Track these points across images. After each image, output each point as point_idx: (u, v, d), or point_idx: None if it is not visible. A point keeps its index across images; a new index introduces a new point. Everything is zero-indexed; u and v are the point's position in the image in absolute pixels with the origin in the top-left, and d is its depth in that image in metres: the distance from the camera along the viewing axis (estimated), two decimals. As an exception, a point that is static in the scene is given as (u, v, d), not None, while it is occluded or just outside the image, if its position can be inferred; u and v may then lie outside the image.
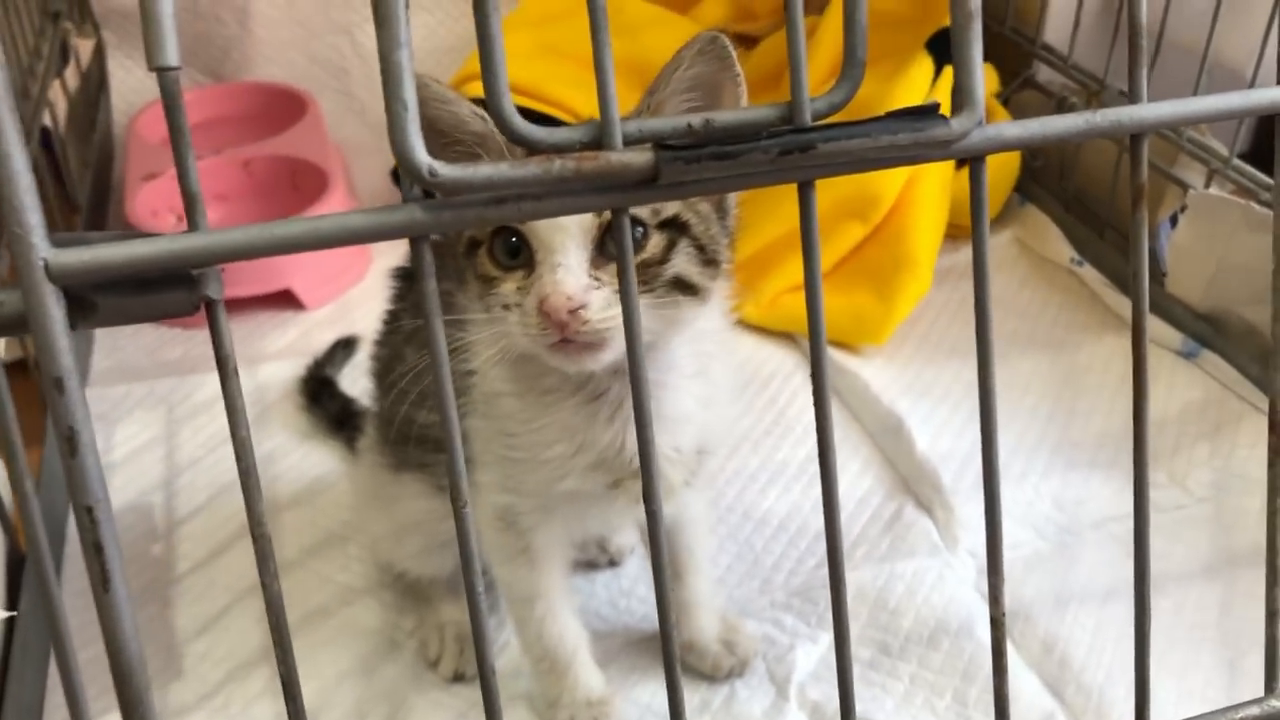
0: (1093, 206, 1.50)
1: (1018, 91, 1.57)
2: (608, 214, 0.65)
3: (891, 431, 1.22)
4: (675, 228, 0.70)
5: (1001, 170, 1.51)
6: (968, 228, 1.57)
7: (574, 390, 0.77)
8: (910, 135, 0.46)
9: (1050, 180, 1.56)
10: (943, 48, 1.35)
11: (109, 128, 1.71)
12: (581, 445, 0.79)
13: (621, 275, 0.48)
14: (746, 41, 1.67)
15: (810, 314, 0.51)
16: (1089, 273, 1.46)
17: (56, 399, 0.41)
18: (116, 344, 1.42)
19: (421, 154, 0.42)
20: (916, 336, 1.39)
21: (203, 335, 1.43)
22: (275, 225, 0.44)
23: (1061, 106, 1.51)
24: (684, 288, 0.71)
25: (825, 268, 1.39)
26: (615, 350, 0.70)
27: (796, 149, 0.45)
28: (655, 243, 0.69)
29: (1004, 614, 0.58)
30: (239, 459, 0.46)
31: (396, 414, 0.88)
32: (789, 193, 1.44)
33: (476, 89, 1.63)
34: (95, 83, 1.71)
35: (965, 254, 1.53)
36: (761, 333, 1.40)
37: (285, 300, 1.45)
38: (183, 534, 1.15)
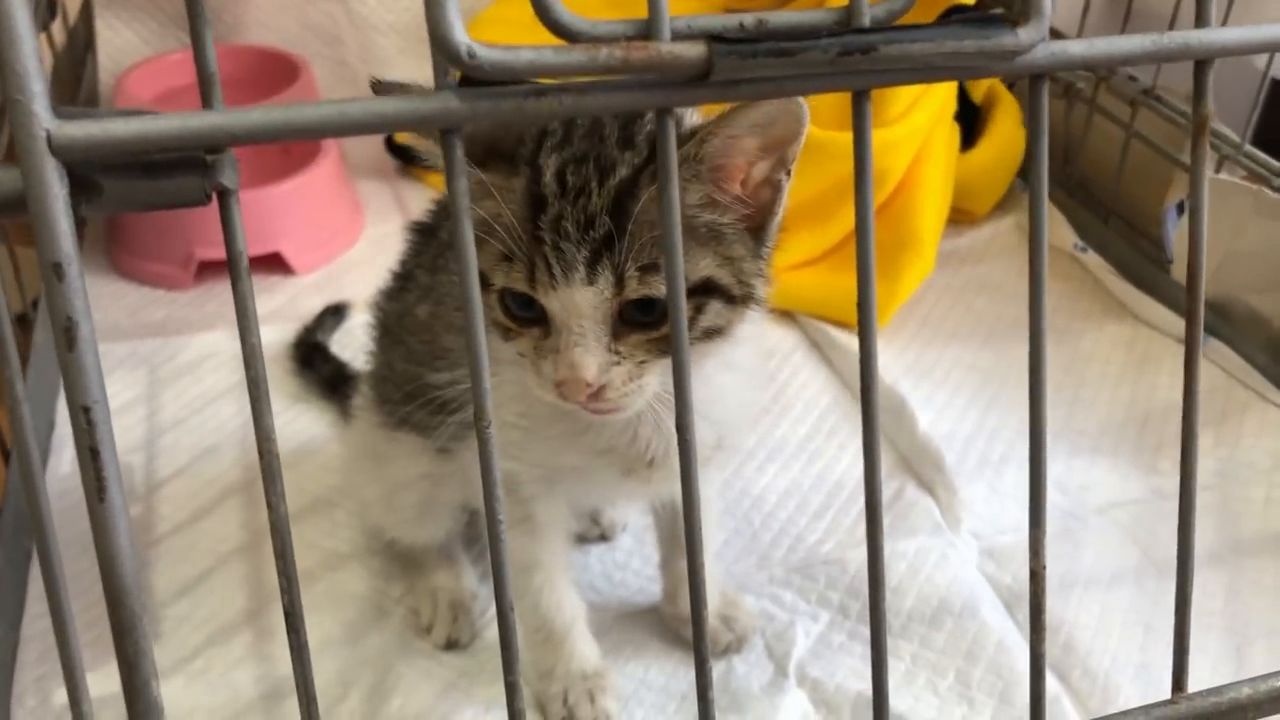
0: (1096, 193, 1.49)
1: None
2: (628, 289, 0.63)
3: (893, 412, 1.20)
4: (704, 292, 0.67)
5: (1005, 155, 1.50)
6: (970, 212, 1.56)
7: None
8: (976, 43, 0.44)
9: (1054, 166, 1.54)
10: (953, 25, 1.33)
11: (95, 86, 1.66)
12: (587, 428, 0.76)
13: (662, 190, 0.45)
14: (750, 19, 1.65)
15: (860, 247, 0.48)
16: (1092, 259, 1.44)
17: (55, 286, 0.38)
18: (98, 303, 1.38)
19: (460, 33, 0.39)
20: (918, 318, 1.37)
21: (187, 298, 1.41)
22: (299, 107, 0.41)
23: (1069, 92, 1.49)
24: (713, 334, 0.69)
25: (828, 245, 1.37)
26: (641, 405, 0.69)
27: (857, 50, 0.42)
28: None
29: (1044, 566, 0.55)
30: (248, 366, 0.42)
31: (403, 372, 0.85)
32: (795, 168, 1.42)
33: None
34: (82, 41, 1.67)
35: (968, 238, 1.51)
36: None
37: (275, 264, 1.41)
38: (163, 495, 1.11)
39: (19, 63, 0.36)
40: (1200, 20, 0.52)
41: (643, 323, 0.66)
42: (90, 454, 0.39)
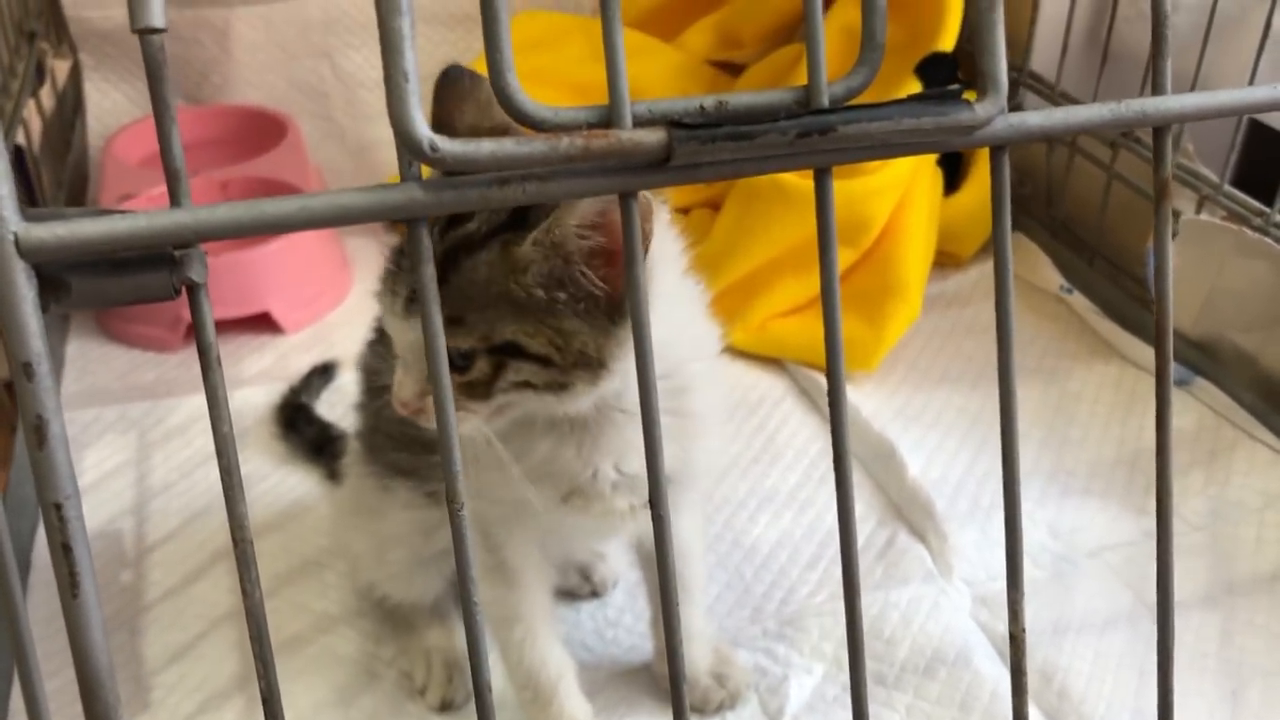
0: (1081, 234, 1.50)
1: (1005, 120, 1.57)
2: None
3: (883, 458, 1.20)
4: (508, 352, 0.68)
5: (989, 199, 1.50)
6: (956, 255, 1.57)
7: None
8: (934, 120, 0.44)
9: (1038, 208, 1.55)
10: (931, 73, 1.35)
11: (84, 149, 1.68)
12: (518, 454, 0.76)
13: (628, 269, 0.46)
14: (732, 69, 1.67)
15: (826, 312, 0.48)
16: (1078, 300, 1.44)
17: (25, 386, 0.38)
18: (87, 367, 1.38)
19: (422, 127, 0.40)
20: (906, 363, 1.37)
21: (177, 359, 1.41)
22: (264, 203, 0.41)
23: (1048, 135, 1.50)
24: (528, 386, 0.69)
25: (813, 293, 1.38)
26: (472, 431, 0.71)
27: (816, 131, 0.43)
28: (481, 367, 0.68)
29: (1024, 630, 0.55)
30: (220, 455, 0.43)
31: (391, 416, 0.85)
32: (778, 217, 1.43)
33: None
34: (71, 104, 1.69)
35: (954, 281, 1.51)
36: (749, 358, 1.38)
37: (263, 323, 1.42)
38: (153, 560, 1.11)
39: (-14, 168, 0.37)
40: (1157, 88, 0.52)
41: (454, 366, 0.68)
42: (63, 550, 0.39)
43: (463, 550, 0.47)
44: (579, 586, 1.05)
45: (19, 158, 1.45)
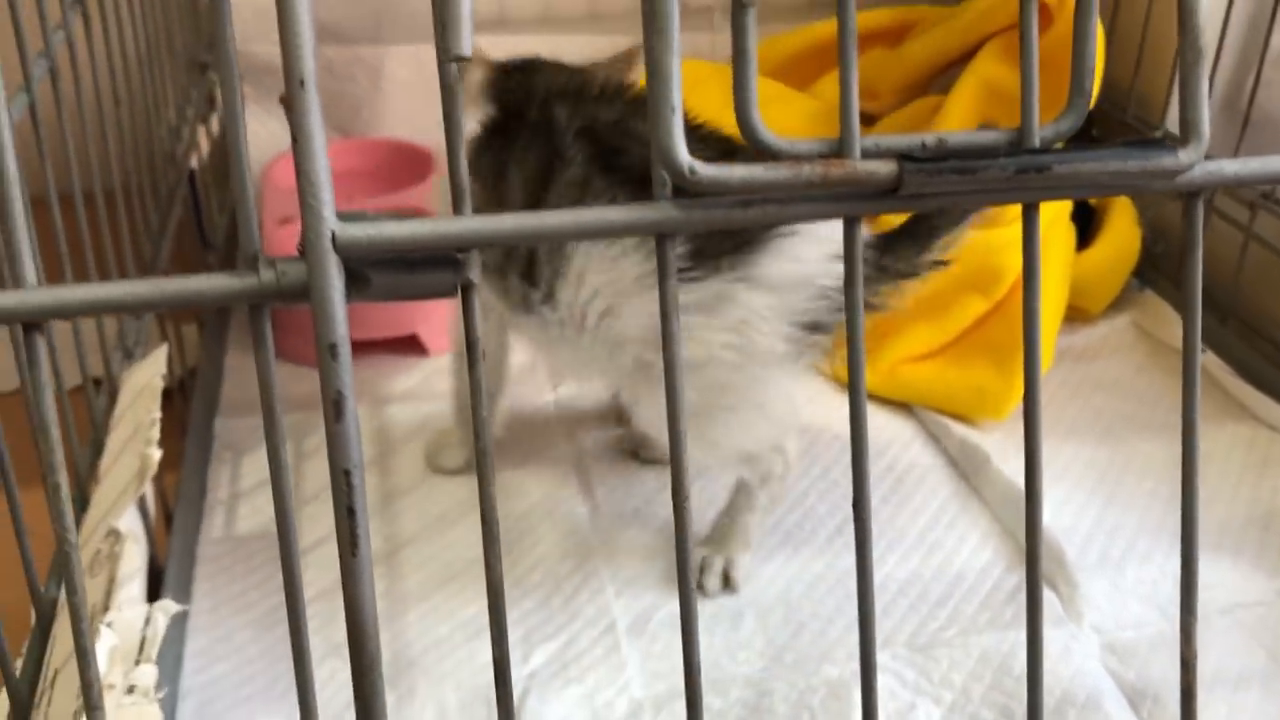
0: (1215, 293, 1.50)
1: (1138, 179, 1.58)
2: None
3: (1012, 504, 1.22)
4: None
5: (1121, 254, 1.52)
6: (1086, 310, 1.57)
7: None
8: (1139, 163, 0.48)
9: (1171, 267, 1.56)
10: (1071, 130, 1.37)
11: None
12: None
13: (847, 290, 0.50)
14: (867, 120, 1.71)
15: (1027, 353, 0.52)
16: (1210, 360, 1.45)
17: (329, 364, 0.44)
18: (245, 378, 1.46)
19: (684, 154, 0.45)
20: (1035, 413, 1.38)
21: (328, 375, 1.48)
22: (540, 215, 0.46)
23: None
24: None
25: (944, 340, 1.40)
26: None
27: (1033, 169, 0.47)
28: None
29: (1195, 655, 0.57)
30: (478, 439, 0.47)
31: None
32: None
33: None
34: (235, 132, 1.79)
35: (1084, 335, 1.53)
36: (878, 401, 1.41)
37: (410, 345, 1.49)
38: (307, 562, 1.16)
39: (315, 173, 0.42)
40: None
41: None
42: (347, 513, 0.44)
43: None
44: None
45: (190, 179, 1.54)
